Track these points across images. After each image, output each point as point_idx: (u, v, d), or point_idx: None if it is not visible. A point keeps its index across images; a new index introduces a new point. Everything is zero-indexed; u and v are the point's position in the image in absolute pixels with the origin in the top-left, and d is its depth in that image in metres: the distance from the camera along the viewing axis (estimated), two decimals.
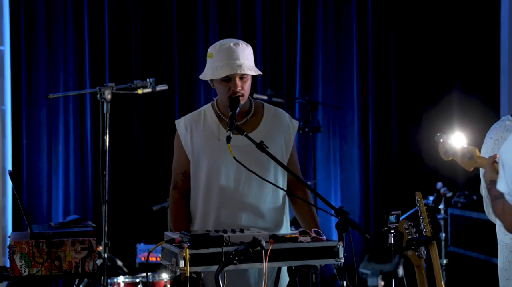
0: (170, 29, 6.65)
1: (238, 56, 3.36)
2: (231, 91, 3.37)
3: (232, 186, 3.43)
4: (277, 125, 3.52)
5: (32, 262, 3.18)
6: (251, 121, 3.49)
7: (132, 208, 6.49)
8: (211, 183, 3.44)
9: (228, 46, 3.38)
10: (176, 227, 3.48)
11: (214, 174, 3.44)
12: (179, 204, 3.54)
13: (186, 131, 3.52)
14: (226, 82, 3.38)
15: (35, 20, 6.48)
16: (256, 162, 3.37)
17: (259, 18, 6.73)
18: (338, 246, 3.11)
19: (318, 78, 6.79)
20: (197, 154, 3.49)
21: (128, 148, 6.58)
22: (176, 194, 3.55)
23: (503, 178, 2.50)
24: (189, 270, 2.92)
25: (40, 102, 6.45)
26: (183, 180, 3.54)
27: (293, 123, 3.56)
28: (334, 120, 6.78)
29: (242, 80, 3.38)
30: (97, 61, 6.54)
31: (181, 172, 3.55)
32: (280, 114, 3.56)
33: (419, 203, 3.42)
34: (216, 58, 3.38)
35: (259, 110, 3.54)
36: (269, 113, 3.54)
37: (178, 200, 3.54)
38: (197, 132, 3.50)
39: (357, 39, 6.79)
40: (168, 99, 6.57)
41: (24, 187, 6.45)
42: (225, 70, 3.35)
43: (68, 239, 3.22)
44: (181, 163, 3.55)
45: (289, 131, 3.54)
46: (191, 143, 3.50)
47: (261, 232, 3.16)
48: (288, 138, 3.53)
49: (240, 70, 3.35)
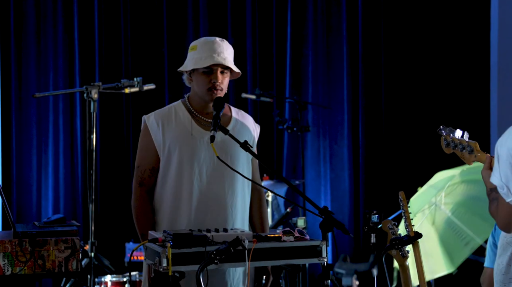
0: (160, 28, 6.65)
1: (222, 50, 3.43)
2: (211, 84, 3.41)
3: (204, 182, 3.44)
4: (244, 125, 3.56)
5: (15, 261, 3.17)
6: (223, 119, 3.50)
7: (121, 207, 6.48)
8: (182, 178, 3.44)
9: (214, 40, 3.47)
10: (141, 224, 3.50)
11: (186, 170, 3.44)
12: (145, 201, 3.51)
13: (158, 127, 3.51)
14: (207, 74, 3.43)
15: (24, 18, 6.47)
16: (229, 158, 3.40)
17: (249, 18, 6.74)
18: (321, 246, 3.11)
19: (308, 77, 6.79)
20: (168, 149, 3.48)
21: (118, 147, 6.57)
22: (143, 191, 3.52)
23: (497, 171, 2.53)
24: (172, 269, 2.92)
25: (29, 101, 6.45)
26: (150, 176, 3.51)
27: (256, 127, 3.63)
28: (324, 120, 6.78)
29: (222, 75, 3.43)
30: (86, 60, 6.54)
31: (149, 168, 3.51)
32: (246, 116, 3.62)
33: (402, 203, 3.43)
34: (200, 50, 3.45)
35: (227, 110, 3.57)
36: (236, 113, 3.59)
37: (145, 197, 3.51)
38: (169, 128, 3.49)
39: (347, 39, 6.79)
40: (158, 99, 6.55)
41: (14, 185, 6.44)
42: (209, 60, 3.40)
43: (51, 238, 3.22)
44: (148, 158, 3.52)
45: (253, 134, 3.59)
46: (163, 139, 3.49)
47: (245, 232, 3.16)
48: (253, 139, 3.57)
49: (224, 62, 3.40)
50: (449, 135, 2.85)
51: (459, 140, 2.82)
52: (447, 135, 2.86)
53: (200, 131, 3.45)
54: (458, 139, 2.82)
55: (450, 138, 2.84)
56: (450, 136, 2.85)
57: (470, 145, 2.77)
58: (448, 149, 2.87)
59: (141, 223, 3.50)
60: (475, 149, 2.75)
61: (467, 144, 2.77)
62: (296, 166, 6.67)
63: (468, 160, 2.79)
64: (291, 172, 6.74)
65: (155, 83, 5.09)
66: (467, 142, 2.78)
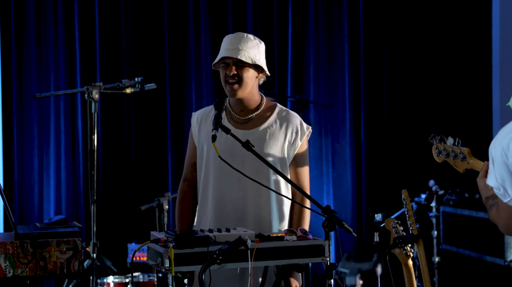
0: (161, 28, 6.64)
1: (238, 43, 3.42)
2: (226, 76, 3.42)
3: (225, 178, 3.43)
4: (284, 126, 3.50)
5: (17, 263, 3.16)
6: (257, 117, 3.50)
7: (123, 207, 6.48)
8: (209, 174, 3.47)
9: (235, 34, 3.49)
10: (180, 219, 3.53)
11: (210, 165, 3.47)
12: (186, 195, 3.58)
13: (197, 123, 3.58)
14: (224, 68, 3.45)
15: (25, 19, 6.46)
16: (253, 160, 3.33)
17: (250, 17, 6.72)
18: (324, 245, 3.10)
19: (309, 76, 6.78)
20: (201, 145, 3.53)
21: (120, 147, 6.56)
22: (185, 185, 3.60)
23: (493, 173, 2.51)
24: (174, 270, 2.91)
25: (30, 101, 6.44)
26: (192, 172, 3.59)
27: (303, 128, 3.53)
28: (326, 119, 6.77)
29: (239, 67, 3.42)
30: (87, 61, 6.52)
31: (191, 163, 3.59)
32: (290, 116, 3.54)
33: (405, 201, 3.41)
34: (222, 45, 3.49)
35: (270, 109, 3.54)
36: (279, 113, 3.53)
37: (186, 191, 3.59)
38: (205, 124, 3.53)
39: (348, 37, 6.77)
40: (159, 99, 6.55)
41: (15, 186, 6.43)
42: (222, 53, 3.43)
43: (53, 240, 3.21)
44: (190, 155, 3.60)
45: (296, 135, 3.51)
46: (199, 135, 3.55)
47: (248, 231, 3.14)
48: (293, 141, 3.50)
49: (235, 55, 3.39)
50: (440, 144, 2.81)
51: (452, 147, 2.77)
52: (438, 144, 2.81)
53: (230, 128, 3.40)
54: (450, 147, 2.77)
55: (442, 147, 2.80)
56: (442, 145, 2.80)
57: (462, 151, 2.73)
58: (439, 157, 2.83)
59: (179, 217, 3.55)
60: (468, 156, 2.71)
61: (460, 151, 2.73)
62: None
63: (461, 167, 2.75)
64: None
65: (156, 83, 5.07)
66: (460, 149, 2.74)
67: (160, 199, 4.82)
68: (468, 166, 2.71)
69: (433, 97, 6.85)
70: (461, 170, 2.74)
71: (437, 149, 2.82)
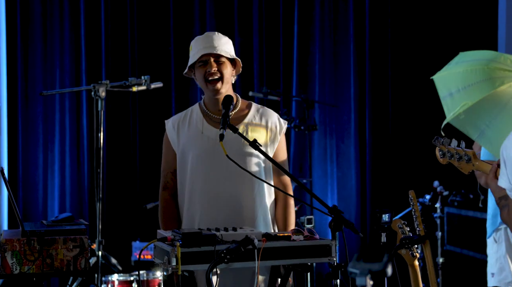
0: (166, 27, 6.64)
1: (212, 41, 3.45)
2: (207, 74, 3.42)
3: (215, 180, 3.43)
4: (263, 123, 3.52)
5: (24, 260, 3.16)
6: (235, 116, 3.50)
7: (128, 205, 6.48)
8: (196, 177, 3.45)
9: (205, 35, 3.51)
10: (166, 228, 3.46)
11: (199, 169, 3.44)
12: (169, 205, 3.53)
13: (174, 129, 3.56)
14: (203, 67, 3.44)
15: (31, 17, 6.47)
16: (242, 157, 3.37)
17: (256, 16, 6.72)
18: (331, 245, 3.09)
19: (315, 76, 6.78)
20: (182, 150, 3.50)
21: (124, 145, 6.57)
22: (166, 194, 3.55)
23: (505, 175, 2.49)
24: (181, 269, 2.91)
25: (36, 99, 6.44)
26: (172, 179, 3.54)
27: (281, 123, 3.56)
28: (330, 119, 6.77)
29: (218, 64, 3.43)
30: (93, 59, 6.53)
31: (171, 171, 3.55)
32: (268, 112, 3.57)
33: (413, 202, 3.41)
34: (194, 46, 3.49)
35: (246, 107, 3.56)
36: (256, 110, 3.56)
37: (169, 200, 3.54)
38: (183, 129, 3.53)
39: (354, 37, 6.77)
40: (164, 97, 6.55)
41: (20, 184, 6.43)
42: (199, 52, 3.43)
43: (59, 237, 3.21)
44: (169, 162, 3.55)
45: (275, 130, 3.53)
46: (178, 140, 3.53)
47: (254, 231, 3.14)
48: (274, 137, 3.53)
49: (213, 50, 3.41)
50: (444, 146, 2.80)
51: (456, 150, 2.77)
52: (442, 146, 2.81)
53: (211, 129, 3.44)
54: (455, 149, 2.77)
55: (446, 149, 2.79)
56: (445, 147, 2.80)
57: (467, 153, 2.72)
58: (443, 159, 2.82)
59: (165, 226, 3.47)
60: (473, 158, 2.71)
61: (464, 153, 2.73)
62: (303, 164, 6.65)
63: (466, 169, 2.74)
64: (298, 171, 6.72)
65: (161, 81, 5.07)
66: (464, 152, 2.73)
67: None
68: (473, 167, 2.71)
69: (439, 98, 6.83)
70: (466, 171, 2.74)
71: (441, 151, 2.82)
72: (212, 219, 3.38)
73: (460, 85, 4.33)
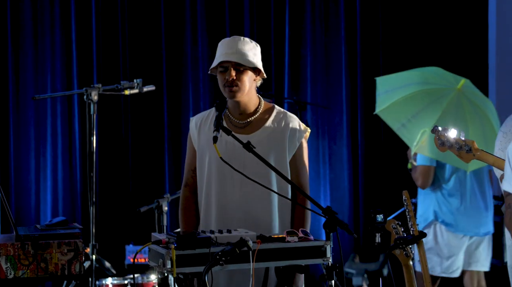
0: (158, 30, 6.63)
1: (235, 47, 3.41)
2: (225, 80, 3.40)
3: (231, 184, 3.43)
4: (283, 128, 3.50)
5: (18, 265, 3.15)
6: (256, 121, 3.50)
7: (121, 209, 6.47)
8: (212, 180, 3.47)
9: (232, 38, 3.46)
10: (184, 225, 3.51)
11: (215, 170, 3.46)
12: (188, 201, 3.57)
13: (196, 128, 3.57)
14: (223, 73, 3.42)
15: (22, 21, 6.45)
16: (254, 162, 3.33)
17: (247, 18, 6.72)
18: (325, 246, 3.10)
19: (306, 78, 6.79)
20: (201, 150, 3.52)
21: (117, 149, 6.55)
22: (187, 191, 3.58)
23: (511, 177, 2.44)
24: (176, 271, 2.91)
25: (27, 103, 6.42)
26: (193, 177, 3.57)
27: (301, 129, 3.53)
28: (323, 120, 6.78)
29: (238, 71, 3.40)
30: (84, 62, 6.51)
31: (192, 169, 3.58)
32: (289, 118, 3.54)
33: (406, 202, 3.42)
34: (219, 49, 3.46)
35: (268, 111, 3.54)
36: (277, 115, 3.53)
37: (188, 197, 3.57)
38: (204, 128, 3.53)
39: (345, 39, 6.79)
40: (156, 100, 6.55)
41: (12, 188, 6.41)
42: (220, 57, 3.40)
43: (54, 241, 3.20)
44: (191, 160, 3.58)
45: (295, 136, 3.51)
46: (198, 139, 3.54)
47: (249, 232, 3.14)
48: (293, 142, 3.50)
49: (233, 59, 3.38)
50: (444, 135, 2.82)
51: (455, 139, 2.79)
52: (441, 135, 2.83)
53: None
54: (454, 138, 2.79)
55: (445, 138, 2.82)
56: (445, 136, 2.82)
57: (467, 143, 2.75)
58: (443, 147, 2.84)
59: (183, 223, 3.50)
60: (473, 148, 2.73)
61: (464, 143, 2.75)
62: None
63: (467, 158, 2.77)
64: None
65: (154, 84, 5.07)
66: (464, 141, 2.75)
67: (159, 201, 4.80)
68: (474, 157, 2.73)
69: None
70: (467, 161, 2.77)
71: (440, 140, 2.84)
72: (227, 222, 3.39)
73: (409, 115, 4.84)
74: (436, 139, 2.86)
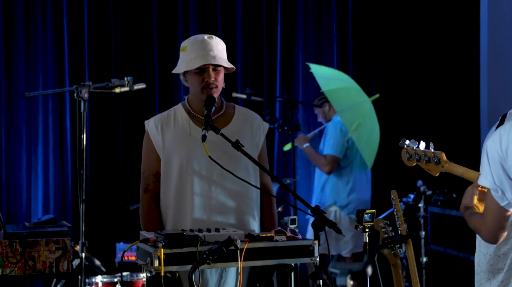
0: (150, 28, 6.63)
1: (212, 48, 3.40)
2: (204, 83, 3.40)
3: (204, 182, 3.42)
4: (248, 125, 3.53)
5: (6, 262, 3.15)
6: (221, 118, 3.50)
7: (111, 207, 6.46)
8: (184, 179, 3.42)
9: (202, 39, 3.43)
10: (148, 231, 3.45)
11: (187, 170, 3.42)
12: (151, 207, 3.48)
13: (157, 130, 3.51)
14: (200, 74, 3.41)
15: (13, 18, 6.43)
16: (230, 159, 3.37)
17: (239, 17, 6.72)
18: (313, 245, 3.11)
19: (298, 76, 6.79)
20: (168, 151, 3.47)
21: (108, 147, 6.55)
22: (148, 197, 3.49)
23: (489, 174, 2.40)
24: (164, 270, 2.91)
25: (18, 100, 6.41)
26: (154, 181, 3.49)
27: (263, 125, 3.58)
28: (314, 119, 6.77)
29: (215, 72, 3.41)
30: (76, 60, 6.50)
31: (152, 173, 3.50)
32: (251, 115, 3.59)
33: (395, 202, 3.43)
34: (190, 50, 3.42)
35: (230, 109, 3.56)
36: (240, 113, 3.56)
37: (150, 203, 3.49)
38: (168, 130, 3.49)
39: (337, 37, 6.80)
40: (148, 98, 6.54)
41: (3, 186, 6.40)
42: (199, 60, 3.38)
43: (42, 239, 3.20)
44: (151, 164, 3.51)
45: (259, 132, 3.55)
46: (163, 142, 3.49)
47: (237, 231, 3.15)
48: (258, 138, 3.54)
49: (214, 61, 3.38)
50: (411, 148, 2.76)
51: (424, 151, 2.71)
52: (409, 148, 2.76)
53: (199, 131, 3.39)
54: (423, 151, 2.72)
55: (413, 151, 2.75)
56: (413, 149, 2.75)
57: (436, 155, 2.66)
58: (410, 161, 2.77)
59: (148, 229, 3.39)
60: (442, 159, 2.65)
61: (433, 154, 2.67)
62: (287, 165, 6.66)
63: (435, 171, 2.68)
64: (282, 171, 6.73)
65: (145, 82, 5.06)
66: (433, 153, 2.67)
67: None
68: (443, 169, 2.65)
69: (422, 99, 6.88)
70: (435, 173, 2.68)
71: (408, 153, 2.76)
72: (204, 221, 3.37)
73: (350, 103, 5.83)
74: (403, 153, 2.79)
